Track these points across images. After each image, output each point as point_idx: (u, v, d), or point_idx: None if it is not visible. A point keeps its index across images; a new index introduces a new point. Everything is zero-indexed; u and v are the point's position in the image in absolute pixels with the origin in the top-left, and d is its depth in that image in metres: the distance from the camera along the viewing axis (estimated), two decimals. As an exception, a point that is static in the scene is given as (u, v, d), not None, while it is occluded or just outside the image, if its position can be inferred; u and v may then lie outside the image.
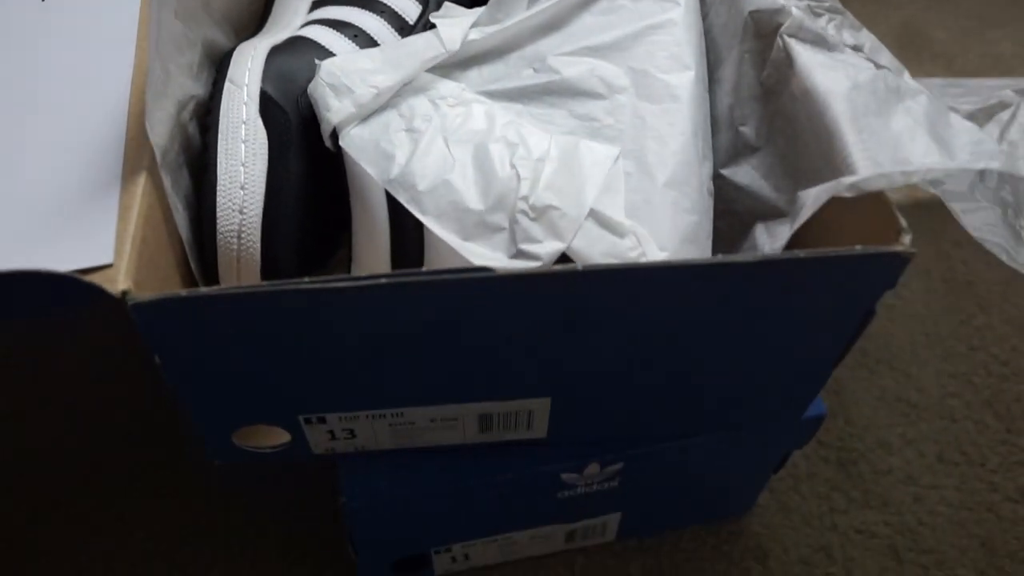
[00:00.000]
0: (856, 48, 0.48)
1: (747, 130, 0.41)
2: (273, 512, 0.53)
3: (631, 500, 0.48)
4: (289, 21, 0.47)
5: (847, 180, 0.34)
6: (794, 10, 0.39)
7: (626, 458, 0.43)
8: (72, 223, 0.34)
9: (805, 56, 0.38)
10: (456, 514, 0.46)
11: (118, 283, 0.32)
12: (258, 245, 0.38)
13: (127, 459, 0.55)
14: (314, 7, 0.47)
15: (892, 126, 0.36)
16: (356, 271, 0.40)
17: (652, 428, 0.42)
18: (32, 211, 0.34)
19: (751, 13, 0.41)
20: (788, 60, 0.39)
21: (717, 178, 0.42)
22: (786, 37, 0.39)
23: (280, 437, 0.40)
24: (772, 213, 0.40)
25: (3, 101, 0.39)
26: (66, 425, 0.57)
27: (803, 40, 0.39)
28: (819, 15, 0.49)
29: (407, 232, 0.38)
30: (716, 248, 0.41)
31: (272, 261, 0.38)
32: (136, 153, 0.36)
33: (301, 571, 0.51)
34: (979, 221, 0.38)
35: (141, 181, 0.35)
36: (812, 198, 0.35)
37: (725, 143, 0.42)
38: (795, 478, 0.54)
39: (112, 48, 0.40)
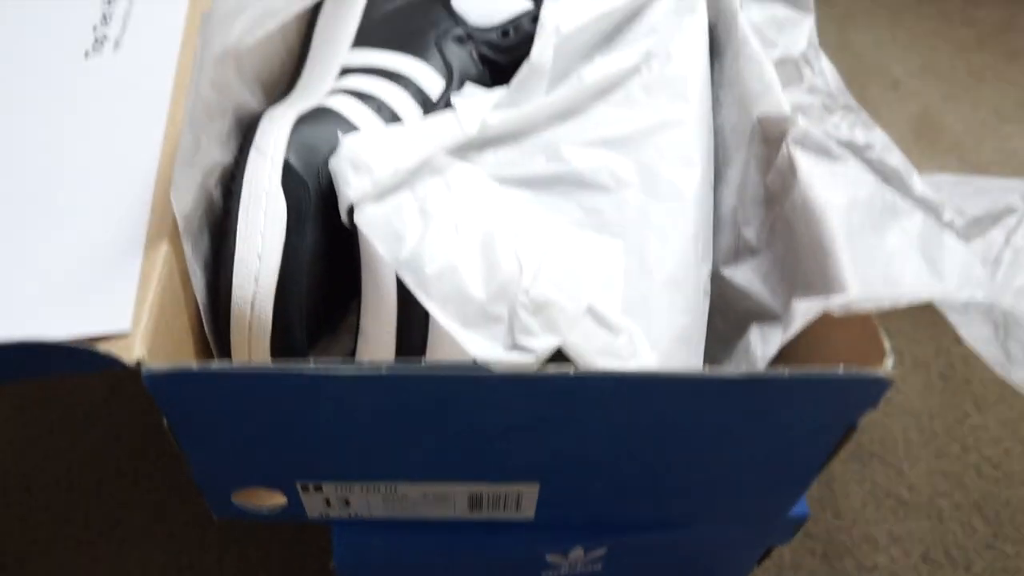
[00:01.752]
0: (867, 147, 0.49)
1: (749, 232, 0.42)
2: (270, 551, 0.54)
3: (615, 580, 0.49)
4: (318, 86, 0.49)
5: (837, 299, 0.35)
6: (800, 119, 0.41)
7: (611, 544, 0.44)
8: (94, 287, 0.35)
9: (808, 167, 0.40)
10: (442, 582, 0.47)
11: (134, 351, 0.33)
12: (270, 315, 0.39)
13: (129, 491, 0.57)
14: (343, 74, 0.49)
15: (886, 245, 0.38)
16: (362, 344, 0.41)
17: (637, 517, 0.43)
18: (56, 272, 0.36)
19: (760, 118, 0.42)
20: (792, 168, 0.40)
21: (717, 277, 0.43)
22: (791, 145, 0.41)
23: (277, 500, 0.41)
24: (768, 315, 0.41)
25: (36, 157, 0.41)
26: (72, 453, 0.58)
27: (807, 149, 0.41)
28: (832, 112, 0.51)
29: (413, 312, 0.39)
30: (711, 345, 0.42)
31: (283, 328, 0.40)
32: (160, 220, 0.38)
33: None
34: (975, 333, 0.39)
35: (163, 249, 0.37)
36: (803, 312, 0.36)
37: (727, 243, 0.43)
38: (779, 568, 0.54)
39: (145, 110, 0.42)
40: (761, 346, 0.40)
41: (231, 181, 0.41)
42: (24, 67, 0.45)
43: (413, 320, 0.40)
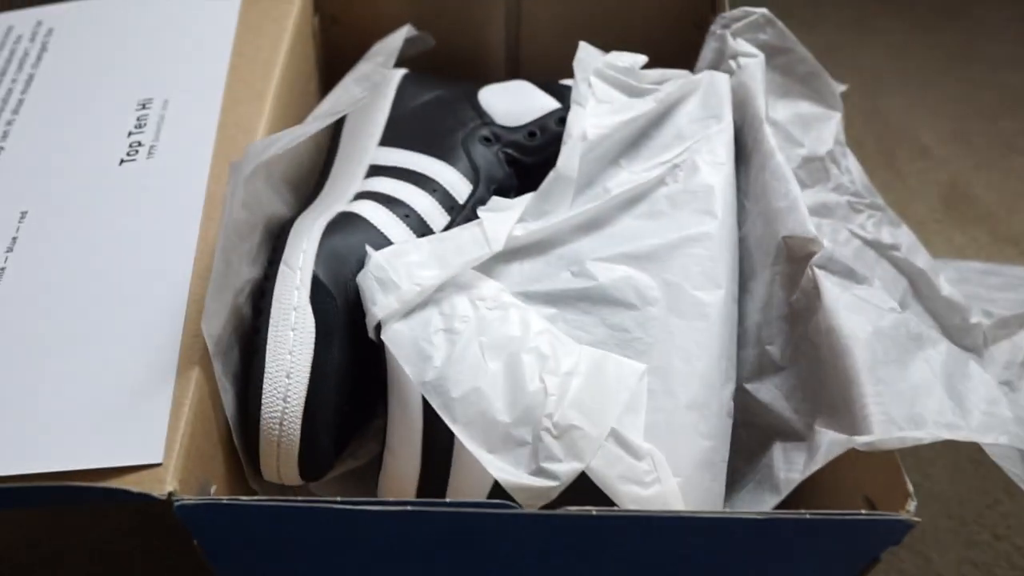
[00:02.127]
0: (893, 247, 0.49)
1: (773, 349, 0.43)
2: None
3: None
4: (346, 186, 0.50)
5: (861, 439, 0.35)
6: (825, 242, 0.41)
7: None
8: (126, 416, 0.36)
9: (832, 292, 0.40)
10: None
11: (165, 484, 0.34)
12: (299, 432, 0.40)
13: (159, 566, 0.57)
14: (371, 174, 0.50)
15: (909, 377, 0.38)
16: (389, 458, 0.42)
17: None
18: (87, 399, 0.37)
19: (785, 238, 0.42)
20: (816, 291, 0.40)
21: (740, 391, 0.43)
22: (816, 268, 0.41)
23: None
24: (791, 433, 0.41)
25: (68, 272, 0.42)
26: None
27: (832, 272, 0.41)
28: (859, 211, 0.51)
29: (439, 430, 0.40)
30: (733, 457, 0.42)
31: (311, 444, 0.41)
32: (191, 343, 0.39)
33: None
34: (1000, 452, 0.39)
35: (194, 375, 0.38)
36: (827, 447, 0.37)
37: (751, 358, 0.43)
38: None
39: (178, 225, 0.43)
40: (784, 469, 0.40)
41: (260, 298, 0.42)
42: (60, 173, 0.46)
43: (439, 438, 0.40)
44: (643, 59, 0.50)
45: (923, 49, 0.99)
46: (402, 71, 0.57)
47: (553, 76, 0.59)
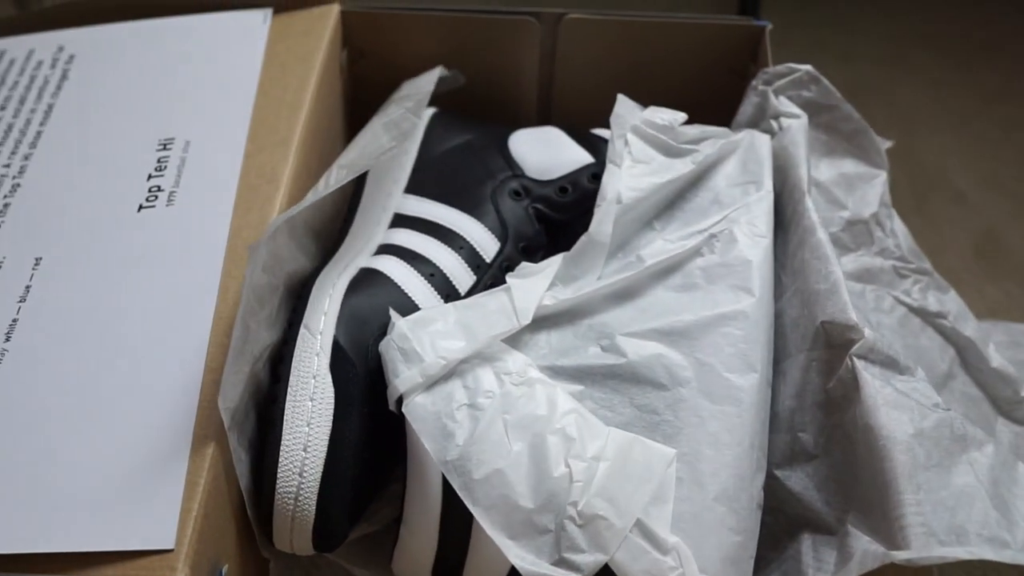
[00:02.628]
0: (940, 315, 0.48)
1: (806, 437, 0.41)
2: None
3: None
4: (370, 236, 0.48)
5: (899, 555, 0.34)
6: (867, 332, 0.39)
7: None
8: (138, 496, 0.35)
9: (872, 387, 0.38)
10: None
11: (177, 571, 0.33)
12: (314, 507, 0.39)
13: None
14: (394, 224, 0.49)
15: (952, 483, 0.36)
16: (405, 533, 0.41)
17: None
18: (99, 475, 0.35)
19: (824, 323, 0.41)
20: (855, 382, 0.39)
21: (770, 477, 0.42)
22: (855, 358, 0.39)
23: None
24: (821, 526, 0.40)
25: (82, 331, 0.40)
26: None
27: (872, 362, 0.39)
28: (905, 276, 0.49)
29: (457, 508, 0.39)
30: (760, 542, 0.41)
31: (326, 516, 0.39)
32: (207, 417, 0.37)
33: None
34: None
35: (209, 451, 0.36)
36: (859, 557, 0.35)
37: (782, 445, 0.42)
38: None
39: (196, 280, 0.42)
40: (813, 567, 0.39)
41: (279, 364, 0.41)
42: (77, 215, 0.45)
43: (457, 516, 0.39)
44: (682, 116, 0.48)
45: (960, 87, 0.97)
46: (431, 110, 0.56)
47: (585, 116, 0.57)
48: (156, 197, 0.45)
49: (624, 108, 0.48)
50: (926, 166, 0.84)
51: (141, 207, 0.45)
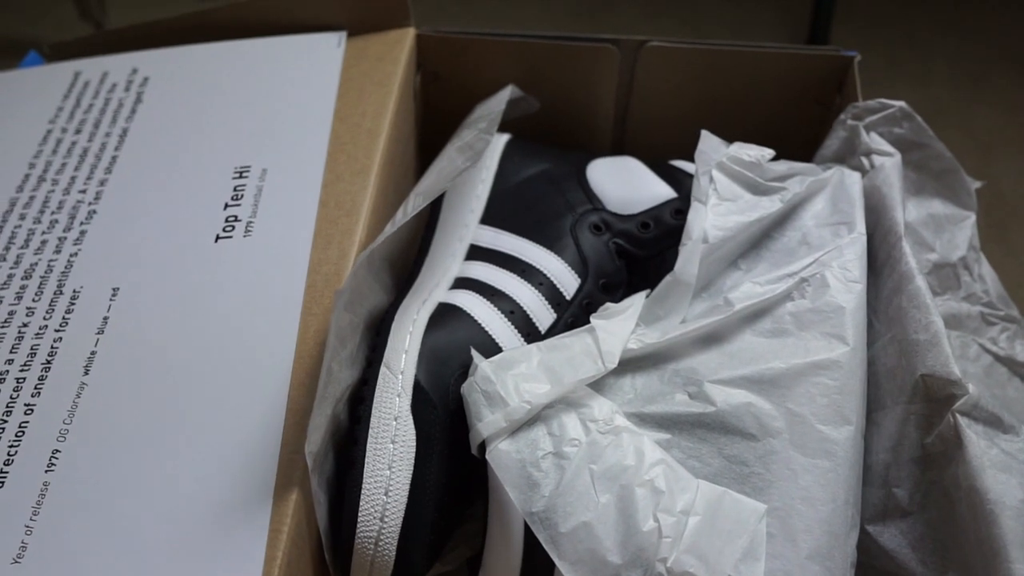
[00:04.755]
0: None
1: (901, 493, 0.40)
2: None
3: None
4: (446, 267, 0.48)
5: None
6: (971, 387, 0.38)
7: None
8: (221, 545, 0.34)
9: (977, 447, 0.37)
10: None
11: (260, 623, 0.32)
12: (394, 553, 0.38)
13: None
14: (470, 256, 0.48)
15: (1064, 553, 0.34)
16: (483, 580, 0.40)
17: None
18: (181, 522, 0.35)
19: (923, 376, 0.39)
20: (957, 440, 0.37)
21: (862, 533, 0.40)
22: (958, 416, 0.38)
23: None
24: (916, 587, 0.38)
25: (160, 371, 0.40)
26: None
27: (976, 420, 0.38)
28: (992, 323, 0.47)
29: (540, 561, 0.38)
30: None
31: (405, 561, 0.39)
32: (289, 461, 0.37)
33: None
34: None
35: (292, 498, 0.36)
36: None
37: (875, 499, 0.40)
38: None
39: (276, 318, 0.41)
40: (910, 631, 0.37)
41: (359, 404, 0.40)
42: (155, 245, 0.45)
43: (539, 567, 0.38)
44: (770, 153, 0.47)
45: (1042, 112, 0.94)
46: (505, 137, 0.55)
47: (662, 146, 0.56)
48: (233, 227, 0.45)
49: (708, 144, 0.47)
50: (1005, 196, 0.81)
51: (218, 237, 0.45)
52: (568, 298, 0.46)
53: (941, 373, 0.38)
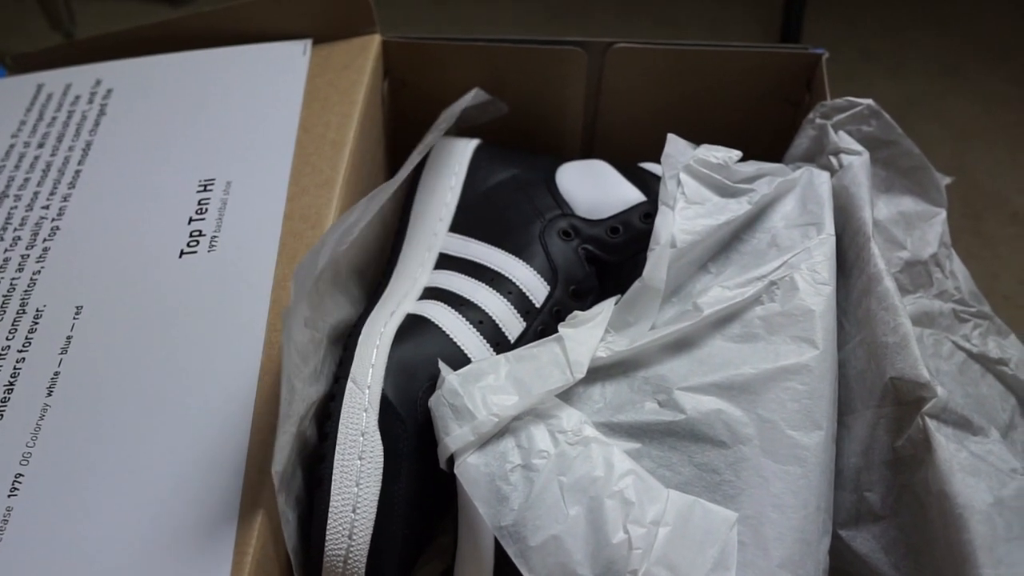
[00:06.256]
0: (1001, 361, 0.46)
1: (873, 497, 0.39)
2: None
3: None
4: (415, 277, 0.47)
5: (980, 638, 0.32)
6: (939, 390, 0.38)
7: None
8: (186, 569, 0.34)
9: (946, 450, 0.36)
10: None
11: (223, 649, 0.32)
12: (363, 570, 0.38)
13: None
14: (439, 265, 0.47)
15: (1034, 556, 0.34)
16: (456, 596, 0.40)
17: None
18: (145, 545, 0.34)
19: (893, 379, 0.39)
20: (927, 444, 0.37)
21: (834, 538, 0.40)
22: (927, 418, 0.37)
23: None
24: (889, 591, 0.38)
25: (124, 389, 0.39)
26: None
27: (945, 423, 0.38)
28: (965, 320, 0.47)
29: (511, 571, 0.37)
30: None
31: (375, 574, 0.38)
32: (255, 481, 0.36)
33: None
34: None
35: (258, 518, 0.35)
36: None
37: (847, 504, 0.40)
38: None
39: (242, 338, 0.40)
40: (883, 638, 0.37)
41: (326, 420, 0.40)
42: (118, 261, 0.44)
43: (510, 579, 0.38)
44: (737, 154, 0.46)
45: (1017, 101, 0.93)
46: (474, 143, 0.54)
47: (632, 148, 0.56)
48: (197, 243, 0.44)
49: (675, 148, 0.46)
50: (980, 185, 0.81)
51: (183, 252, 0.44)
52: (538, 306, 0.45)
53: (910, 376, 0.38)
